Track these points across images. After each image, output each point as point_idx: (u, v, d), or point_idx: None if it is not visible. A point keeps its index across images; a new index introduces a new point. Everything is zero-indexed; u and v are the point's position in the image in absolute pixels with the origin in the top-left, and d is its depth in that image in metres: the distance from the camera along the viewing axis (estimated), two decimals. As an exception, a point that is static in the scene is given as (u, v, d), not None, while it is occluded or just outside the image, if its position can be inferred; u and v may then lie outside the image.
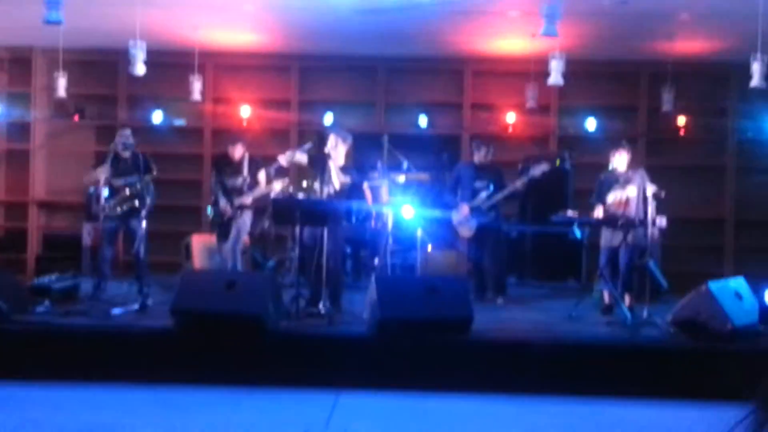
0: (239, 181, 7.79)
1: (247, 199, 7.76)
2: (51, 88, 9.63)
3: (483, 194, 8.16)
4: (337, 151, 7.23)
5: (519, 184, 8.13)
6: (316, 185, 7.34)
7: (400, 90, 10.42)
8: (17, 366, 6.10)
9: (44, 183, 10.53)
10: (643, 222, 7.00)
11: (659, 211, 7.23)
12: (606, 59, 9.97)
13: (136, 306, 7.02)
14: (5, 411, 5.42)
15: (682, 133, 10.08)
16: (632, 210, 7.25)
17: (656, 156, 10.05)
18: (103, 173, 7.41)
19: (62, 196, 10.33)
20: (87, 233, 9.37)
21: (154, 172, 7.51)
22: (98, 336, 6.38)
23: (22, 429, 5.11)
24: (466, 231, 8.26)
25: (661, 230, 7.24)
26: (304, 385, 5.94)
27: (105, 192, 7.38)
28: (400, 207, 8.66)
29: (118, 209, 7.38)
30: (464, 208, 8.17)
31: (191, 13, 8.40)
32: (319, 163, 7.34)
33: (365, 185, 8.71)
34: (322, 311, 6.83)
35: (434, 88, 10.49)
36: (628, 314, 6.88)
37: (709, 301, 6.36)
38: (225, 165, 7.90)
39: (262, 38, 9.50)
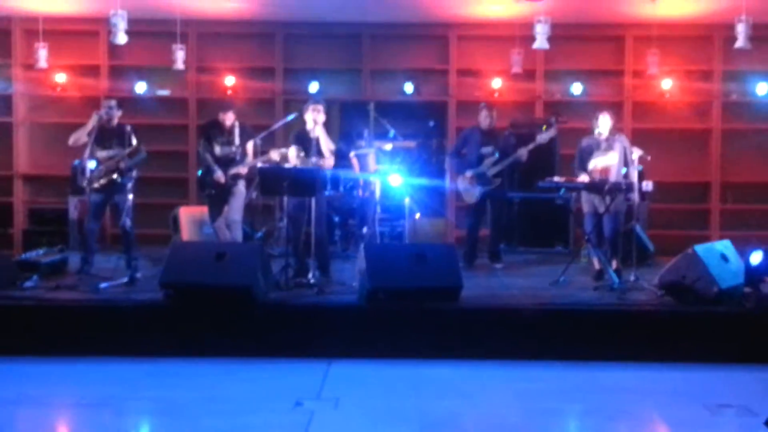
0: (232, 149, 7.62)
1: (243, 169, 7.62)
2: (31, 59, 9.52)
3: (488, 161, 8.15)
4: (320, 118, 7.20)
5: (524, 151, 8.10)
6: (302, 156, 7.31)
7: (385, 57, 10.32)
8: (8, 341, 6.10)
9: (28, 156, 10.42)
10: (628, 187, 7.02)
11: (645, 175, 7.26)
12: (591, 22, 9.90)
13: (125, 279, 7.00)
14: (-1, 386, 5.44)
15: (667, 96, 10.07)
16: (613, 177, 7.24)
17: (642, 120, 10.05)
18: (86, 130, 7.30)
19: (47, 169, 10.22)
20: (73, 207, 9.31)
21: (134, 144, 7.36)
22: (88, 310, 6.36)
23: (17, 404, 5.13)
24: (470, 197, 8.29)
25: (647, 194, 7.26)
26: (295, 356, 5.99)
27: (90, 164, 7.27)
28: (388, 175, 8.67)
29: (102, 182, 7.30)
30: (468, 175, 8.20)
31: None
32: (303, 135, 7.31)
33: (352, 154, 8.70)
34: (312, 281, 6.85)
35: (419, 55, 10.40)
36: (616, 279, 6.93)
37: (695, 264, 6.41)
38: (215, 133, 7.70)
39: (245, 5, 9.38)
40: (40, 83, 10.18)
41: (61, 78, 10.11)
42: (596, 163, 7.33)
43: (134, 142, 7.39)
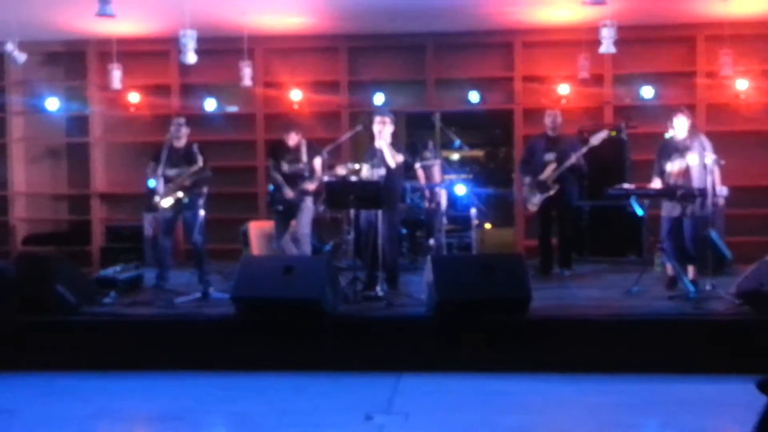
0: (299, 166, 7.73)
1: (311, 185, 7.72)
2: (106, 80, 9.83)
3: (549, 168, 8.08)
4: (385, 131, 7.22)
5: (578, 155, 8.01)
6: (367, 168, 7.34)
7: (449, 66, 10.30)
8: (88, 356, 6.30)
9: (104, 175, 10.76)
10: (704, 191, 6.81)
11: (720, 179, 7.05)
12: (659, 23, 9.69)
13: (198, 294, 7.15)
14: (80, 400, 5.61)
15: (742, 97, 9.77)
16: (694, 179, 7.05)
17: (716, 122, 9.75)
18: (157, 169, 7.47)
19: (122, 187, 10.53)
20: (148, 224, 9.52)
21: (200, 164, 7.42)
22: (163, 325, 6.52)
23: (96, 418, 5.28)
24: (531, 205, 8.23)
25: (723, 199, 7.05)
26: (365, 369, 6.01)
27: (159, 183, 7.43)
28: (454, 186, 8.64)
29: (169, 199, 7.46)
30: (527, 182, 8.16)
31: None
32: (372, 148, 7.35)
33: (417, 166, 8.70)
34: (380, 294, 6.86)
35: (484, 63, 10.34)
36: (691, 287, 6.74)
37: (774, 271, 6.19)
38: (282, 152, 7.85)
39: (310, 20, 9.49)
40: (115, 104, 10.50)
41: (134, 98, 10.41)
42: (673, 166, 7.15)
43: (200, 161, 7.47)
